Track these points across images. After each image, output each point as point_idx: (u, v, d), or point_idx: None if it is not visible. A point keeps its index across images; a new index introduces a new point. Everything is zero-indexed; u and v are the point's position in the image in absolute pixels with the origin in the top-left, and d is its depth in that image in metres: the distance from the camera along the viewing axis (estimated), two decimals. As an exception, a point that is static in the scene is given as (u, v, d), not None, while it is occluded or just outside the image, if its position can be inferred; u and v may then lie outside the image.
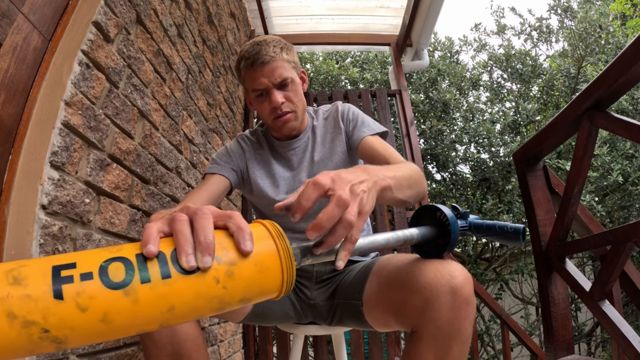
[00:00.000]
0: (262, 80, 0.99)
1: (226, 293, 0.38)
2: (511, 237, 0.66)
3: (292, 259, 0.42)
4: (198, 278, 0.37)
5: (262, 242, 0.41)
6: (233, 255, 0.39)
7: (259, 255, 0.40)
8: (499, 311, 2.42)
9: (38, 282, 0.32)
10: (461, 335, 0.66)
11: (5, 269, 0.32)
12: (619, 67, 1.07)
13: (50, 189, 0.76)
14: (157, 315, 0.36)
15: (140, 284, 0.35)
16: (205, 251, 0.37)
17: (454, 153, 4.66)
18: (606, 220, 3.90)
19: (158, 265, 0.36)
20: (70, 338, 0.33)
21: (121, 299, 0.34)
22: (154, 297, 0.35)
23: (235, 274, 0.38)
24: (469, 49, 5.88)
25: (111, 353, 0.93)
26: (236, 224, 0.40)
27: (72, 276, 0.33)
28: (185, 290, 0.36)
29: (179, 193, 1.41)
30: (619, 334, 1.10)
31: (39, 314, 0.31)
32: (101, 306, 0.33)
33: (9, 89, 0.73)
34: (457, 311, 0.65)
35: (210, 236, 0.38)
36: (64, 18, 0.87)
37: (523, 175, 1.57)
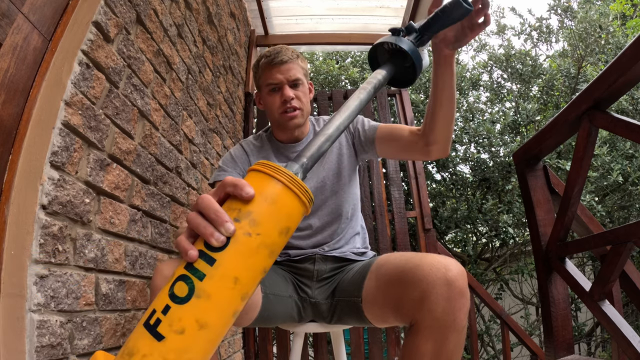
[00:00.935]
0: (278, 76, 1.10)
1: (264, 237, 0.43)
2: (457, 9, 0.65)
3: (289, 172, 0.46)
4: (234, 245, 0.42)
5: (259, 180, 0.45)
6: (245, 207, 0.44)
7: (263, 191, 0.44)
8: (499, 311, 2.42)
9: (142, 342, 0.40)
10: (457, 325, 0.69)
11: (119, 355, 0.41)
12: (619, 67, 1.07)
13: (50, 189, 0.76)
14: (230, 293, 0.42)
15: (201, 282, 0.41)
16: (220, 222, 0.41)
17: (454, 153, 4.66)
18: (606, 220, 3.90)
19: (202, 260, 0.42)
20: (193, 358, 0.40)
21: (198, 302, 0.40)
22: (217, 282, 0.41)
23: (257, 219, 0.43)
24: (469, 49, 5.88)
25: (111, 353, 0.93)
26: (231, 184, 0.44)
27: (158, 318, 0.41)
28: (234, 260, 0.42)
29: (179, 193, 1.41)
30: (619, 334, 1.10)
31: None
32: (190, 319, 0.40)
33: (9, 89, 0.73)
34: (452, 302, 0.68)
35: (216, 209, 0.42)
36: (64, 18, 0.87)
37: (523, 175, 1.57)
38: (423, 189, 2.49)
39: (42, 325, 0.72)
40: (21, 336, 0.68)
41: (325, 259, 1.10)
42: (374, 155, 1.17)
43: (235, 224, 0.42)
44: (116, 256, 0.98)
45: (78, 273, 0.84)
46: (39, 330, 0.71)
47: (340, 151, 1.18)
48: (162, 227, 1.26)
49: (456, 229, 4.35)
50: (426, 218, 2.41)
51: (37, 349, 0.70)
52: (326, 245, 1.11)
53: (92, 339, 0.86)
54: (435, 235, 2.40)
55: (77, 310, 0.82)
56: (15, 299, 0.69)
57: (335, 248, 1.12)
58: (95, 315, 0.88)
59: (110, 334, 0.93)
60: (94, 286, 0.89)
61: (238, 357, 2.13)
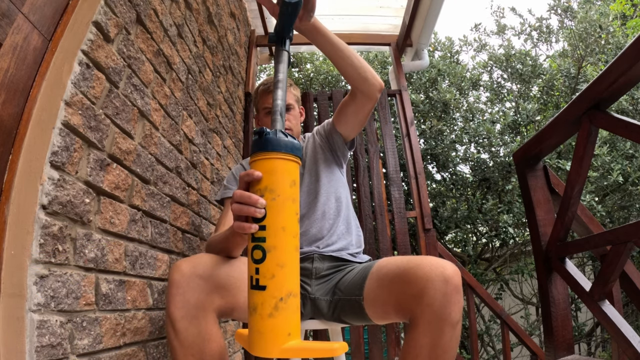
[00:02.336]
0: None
1: (282, 194, 0.65)
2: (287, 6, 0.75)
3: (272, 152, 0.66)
4: (269, 210, 0.65)
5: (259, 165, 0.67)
6: (261, 185, 0.66)
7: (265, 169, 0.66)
8: (499, 311, 2.42)
9: (256, 297, 0.64)
10: (452, 319, 0.77)
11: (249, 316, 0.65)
12: (619, 67, 1.07)
13: (50, 189, 0.76)
14: (285, 237, 0.65)
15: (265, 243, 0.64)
16: (254, 201, 0.64)
17: (454, 153, 4.66)
18: (606, 220, 3.90)
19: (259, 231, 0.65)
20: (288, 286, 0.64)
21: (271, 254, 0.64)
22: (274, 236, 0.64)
23: (271, 187, 0.65)
24: (469, 49, 5.89)
25: (111, 353, 0.93)
26: (244, 175, 0.66)
27: (256, 278, 0.64)
28: (274, 218, 0.65)
29: (179, 193, 1.41)
30: (619, 334, 1.10)
31: None
32: (273, 266, 0.64)
33: (9, 89, 0.73)
34: (449, 297, 0.77)
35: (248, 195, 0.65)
36: (64, 18, 0.87)
37: (523, 175, 1.57)
38: (423, 189, 2.49)
39: (42, 325, 0.72)
40: (21, 336, 0.68)
41: (322, 258, 1.18)
42: (342, 139, 1.32)
43: (263, 198, 0.64)
44: (116, 256, 0.98)
45: (78, 273, 0.84)
46: (39, 330, 0.71)
47: (315, 155, 1.34)
48: (162, 227, 1.26)
49: (456, 229, 4.35)
50: (426, 218, 2.41)
51: (37, 349, 0.70)
52: (320, 243, 1.20)
53: (92, 339, 0.86)
54: (435, 235, 2.40)
55: (77, 310, 0.82)
56: (15, 299, 0.69)
57: (329, 244, 1.21)
58: (95, 315, 0.88)
59: (110, 334, 0.93)
60: (94, 286, 0.89)
61: (238, 357, 2.13)
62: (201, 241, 1.62)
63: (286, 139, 0.68)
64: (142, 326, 1.09)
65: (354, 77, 1.10)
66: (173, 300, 0.79)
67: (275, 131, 0.68)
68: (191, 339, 0.78)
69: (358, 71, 1.09)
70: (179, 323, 0.78)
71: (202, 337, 0.79)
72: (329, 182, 1.31)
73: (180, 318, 0.78)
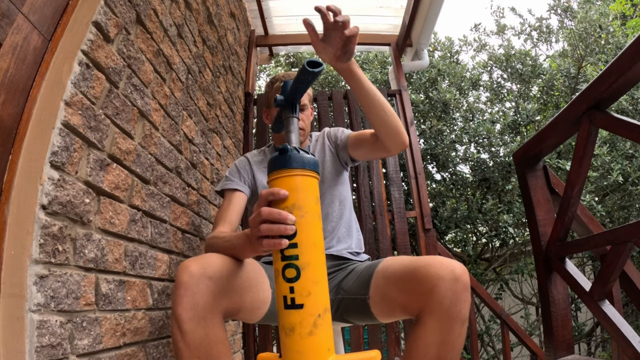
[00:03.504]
0: None
1: (309, 211, 0.66)
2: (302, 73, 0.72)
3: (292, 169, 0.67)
4: (299, 227, 0.65)
5: (281, 183, 0.67)
6: (288, 203, 0.66)
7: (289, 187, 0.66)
8: (499, 311, 2.42)
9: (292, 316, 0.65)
10: (461, 316, 0.79)
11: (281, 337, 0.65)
12: (619, 67, 1.07)
13: (50, 189, 0.76)
14: (317, 253, 0.66)
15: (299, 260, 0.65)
16: (284, 218, 0.65)
17: (454, 153, 4.66)
18: (606, 220, 3.90)
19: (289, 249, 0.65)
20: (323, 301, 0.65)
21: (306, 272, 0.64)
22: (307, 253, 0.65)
23: (298, 204, 0.66)
24: (469, 49, 5.88)
25: (111, 353, 0.93)
26: (269, 194, 0.67)
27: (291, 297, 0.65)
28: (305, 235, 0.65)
29: (179, 193, 1.41)
30: (619, 334, 1.10)
31: None
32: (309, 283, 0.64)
33: (9, 89, 0.73)
34: (458, 294, 0.79)
35: (277, 212, 0.65)
36: (64, 18, 0.87)
37: (523, 175, 1.57)
38: (423, 189, 2.48)
39: (42, 325, 0.72)
40: (21, 336, 0.68)
41: None
42: (350, 158, 1.33)
43: (287, 225, 0.64)
44: (116, 256, 0.98)
45: (78, 273, 0.84)
46: (39, 330, 0.71)
47: (323, 158, 1.34)
48: (162, 227, 1.26)
49: (456, 229, 4.35)
50: (426, 218, 2.41)
51: (37, 349, 0.70)
52: None
53: (92, 339, 0.86)
54: (435, 235, 2.40)
55: (77, 310, 0.82)
56: (15, 299, 0.69)
57: (331, 246, 1.22)
58: (95, 315, 0.88)
59: (110, 334, 0.93)
60: (94, 286, 0.89)
61: (238, 357, 2.13)
62: (201, 241, 1.62)
63: (308, 156, 0.69)
64: (142, 326, 1.09)
65: (380, 131, 1.10)
66: (181, 301, 0.78)
67: (296, 148, 0.68)
68: (198, 341, 0.77)
69: (386, 126, 1.08)
70: (186, 324, 0.77)
71: (209, 339, 0.78)
72: (335, 185, 1.32)
73: (189, 320, 0.77)
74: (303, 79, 0.72)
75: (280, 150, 0.68)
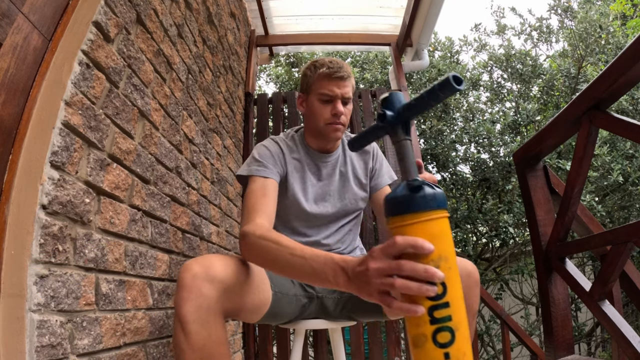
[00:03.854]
0: (336, 89, 1.15)
1: (452, 262, 0.55)
2: (446, 90, 0.55)
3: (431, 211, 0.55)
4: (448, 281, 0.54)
5: (420, 229, 0.55)
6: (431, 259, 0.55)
7: (430, 233, 0.55)
8: (499, 311, 2.41)
9: None
10: (472, 310, 0.85)
11: None
12: (619, 67, 1.07)
13: (50, 189, 0.76)
14: (464, 311, 0.56)
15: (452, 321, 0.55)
16: (432, 275, 0.53)
17: (454, 153, 4.66)
18: (606, 220, 3.90)
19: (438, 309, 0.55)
20: None
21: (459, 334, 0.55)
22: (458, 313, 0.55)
23: (444, 255, 0.55)
24: (469, 49, 5.88)
25: (111, 353, 0.93)
26: (410, 246, 0.55)
27: None
28: (454, 290, 0.55)
29: (179, 193, 1.41)
30: (619, 334, 1.10)
31: None
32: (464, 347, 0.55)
33: (9, 89, 0.73)
34: (470, 289, 0.84)
35: (423, 269, 0.54)
36: (64, 18, 0.87)
37: (523, 175, 1.57)
38: (423, 189, 2.48)
39: (42, 325, 0.72)
40: (21, 336, 0.68)
41: None
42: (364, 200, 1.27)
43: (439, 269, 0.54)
44: (116, 256, 0.98)
45: (78, 273, 0.84)
46: (39, 330, 0.71)
47: (363, 176, 1.27)
48: (162, 227, 1.26)
49: (456, 229, 4.34)
50: (426, 218, 2.40)
51: (37, 349, 0.70)
52: (335, 250, 1.21)
53: (92, 339, 0.86)
54: (435, 235, 2.40)
55: (77, 310, 0.82)
56: (15, 299, 0.69)
57: (341, 253, 1.22)
58: (95, 315, 0.88)
59: (110, 334, 0.93)
60: (94, 286, 0.89)
61: (238, 357, 2.13)
62: (201, 241, 1.62)
63: (440, 190, 0.57)
64: (142, 326, 1.09)
65: None
66: (184, 303, 0.77)
67: (425, 182, 0.57)
68: (202, 342, 0.77)
69: None
70: (190, 326, 0.76)
71: (212, 340, 0.78)
72: (355, 201, 1.26)
73: (192, 321, 0.76)
74: (440, 96, 0.55)
75: (412, 187, 0.56)
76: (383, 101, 0.60)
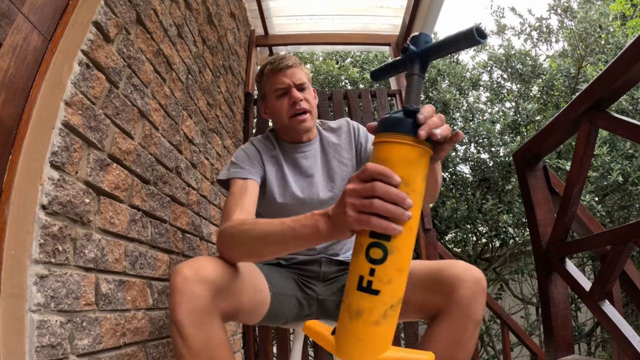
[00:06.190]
0: (285, 80, 1.13)
1: (415, 190, 0.57)
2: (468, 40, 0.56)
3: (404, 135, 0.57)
4: None
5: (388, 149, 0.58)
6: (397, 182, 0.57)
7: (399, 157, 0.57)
8: (499, 311, 2.41)
9: (364, 301, 0.58)
10: (476, 317, 0.82)
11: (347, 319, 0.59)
12: (619, 68, 1.07)
13: (50, 189, 0.76)
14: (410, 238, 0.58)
15: (389, 242, 0.57)
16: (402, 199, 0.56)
17: (454, 153, 4.66)
18: (606, 220, 3.90)
19: None
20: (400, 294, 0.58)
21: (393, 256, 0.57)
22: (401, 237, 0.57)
23: (407, 180, 0.57)
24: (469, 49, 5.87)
25: (111, 353, 0.93)
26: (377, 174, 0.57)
27: (368, 280, 0.57)
28: None
29: (179, 193, 1.41)
30: (619, 334, 1.10)
31: None
32: (392, 270, 0.57)
33: (9, 89, 0.73)
34: (476, 296, 0.82)
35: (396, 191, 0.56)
36: (64, 18, 0.87)
37: (523, 175, 1.57)
38: (423, 189, 2.48)
39: (42, 325, 0.72)
40: (21, 336, 0.68)
41: (330, 262, 1.17)
42: None
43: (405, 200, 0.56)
44: (116, 256, 0.98)
45: (78, 273, 0.84)
46: (39, 330, 0.71)
47: (351, 158, 1.22)
48: (162, 227, 1.26)
49: (456, 229, 4.34)
50: (426, 218, 2.41)
51: (37, 349, 0.70)
52: (330, 249, 1.19)
53: (92, 339, 0.86)
54: (435, 235, 2.40)
55: (77, 310, 0.82)
56: (15, 299, 0.69)
57: (337, 253, 1.20)
58: (95, 315, 0.88)
59: (110, 334, 0.93)
60: (94, 286, 0.89)
61: (238, 357, 2.13)
62: (201, 241, 1.62)
63: None
64: (142, 326, 1.09)
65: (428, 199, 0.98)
66: (179, 307, 0.76)
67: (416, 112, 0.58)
68: (200, 345, 0.76)
69: (433, 199, 0.98)
70: (187, 329, 0.75)
71: (210, 343, 0.77)
72: (346, 181, 1.21)
73: (188, 325, 0.75)
74: (462, 44, 0.57)
75: (406, 111, 0.58)
76: (412, 38, 0.63)
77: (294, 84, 1.13)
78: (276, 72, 1.14)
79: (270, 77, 1.16)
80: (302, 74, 1.15)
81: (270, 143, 1.21)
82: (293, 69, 1.14)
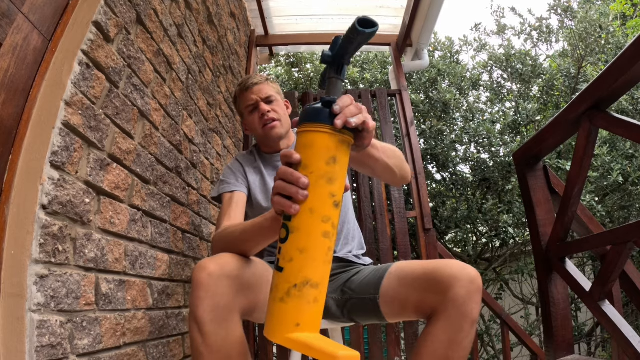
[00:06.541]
0: (252, 96, 1.28)
1: (315, 172, 0.60)
2: (356, 35, 0.60)
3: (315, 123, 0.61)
4: None
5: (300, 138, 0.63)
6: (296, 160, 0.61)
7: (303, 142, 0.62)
8: (499, 311, 2.41)
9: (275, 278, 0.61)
10: (472, 316, 0.82)
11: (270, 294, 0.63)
12: (619, 68, 1.07)
13: (50, 189, 0.76)
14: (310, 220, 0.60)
15: (290, 222, 0.61)
16: (297, 178, 0.60)
17: (454, 153, 4.66)
18: (606, 220, 3.90)
19: None
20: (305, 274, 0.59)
21: (293, 236, 0.60)
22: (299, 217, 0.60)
23: (305, 163, 0.61)
24: (469, 49, 5.87)
25: (111, 353, 0.93)
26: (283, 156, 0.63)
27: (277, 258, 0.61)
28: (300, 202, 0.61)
29: (179, 193, 1.41)
30: (619, 334, 1.10)
31: None
32: (293, 249, 0.60)
33: (9, 89, 0.73)
34: (472, 295, 0.83)
35: (291, 172, 0.61)
36: (64, 18, 0.87)
37: (523, 175, 1.57)
38: (423, 189, 2.48)
39: (42, 325, 0.72)
40: (21, 336, 0.68)
41: None
42: None
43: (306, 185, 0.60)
44: (116, 256, 0.98)
45: (78, 273, 0.84)
46: (39, 330, 0.71)
47: None
48: (162, 227, 1.26)
49: (456, 229, 4.34)
50: (426, 218, 2.41)
51: (37, 349, 0.70)
52: None
53: (92, 339, 0.86)
54: (435, 235, 2.40)
55: (77, 310, 0.82)
56: (15, 299, 0.69)
57: (335, 252, 1.19)
58: (95, 315, 0.88)
59: (110, 334, 0.93)
60: (94, 286, 0.89)
61: (238, 357, 2.13)
62: (201, 241, 1.62)
63: (327, 110, 0.61)
64: (142, 326, 1.09)
65: (386, 179, 1.04)
66: (201, 303, 0.75)
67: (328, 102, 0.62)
68: (220, 343, 0.76)
69: (391, 174, 1.01)
70: (207, 326, 0.75)
71: (229, 340, 0.77)
72: None
73: (210, 321, 0.75)
74: (351, 38, 0.61)
75: (324, 102, 0.62)
76: (333, 41, 0.67)
77: (261, 98, 1.28)
78: (244, 91, 1.30)
79: (241, 97, 1.32)
80: (268, 88, 1.30)
81: (253, 156, 1.36)
82: (259, 86, 1.29)
